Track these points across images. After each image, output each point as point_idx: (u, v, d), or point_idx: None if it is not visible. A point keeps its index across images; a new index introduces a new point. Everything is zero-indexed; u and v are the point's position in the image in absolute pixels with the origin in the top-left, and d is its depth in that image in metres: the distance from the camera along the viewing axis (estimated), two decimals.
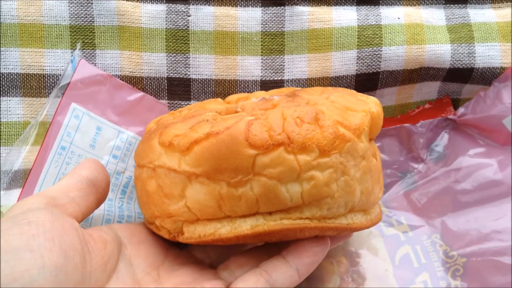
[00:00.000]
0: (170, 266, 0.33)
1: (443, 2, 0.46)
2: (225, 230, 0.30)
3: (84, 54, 0.43)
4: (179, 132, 0.31)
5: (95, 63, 0.43)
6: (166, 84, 0.44)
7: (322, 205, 0.29)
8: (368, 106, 0.32)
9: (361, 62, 0.44)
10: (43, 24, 0.42)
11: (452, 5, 0.46)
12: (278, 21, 0.44)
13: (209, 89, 0.44)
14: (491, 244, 0.41)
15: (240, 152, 0.28)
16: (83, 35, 0.43)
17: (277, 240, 0.32)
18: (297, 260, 0.31)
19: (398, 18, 0.44)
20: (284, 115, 0.29)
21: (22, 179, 0.41)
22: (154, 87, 0.44)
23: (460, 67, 0.44)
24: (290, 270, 0.31)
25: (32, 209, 0.27)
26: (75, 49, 0.42)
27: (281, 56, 0.44)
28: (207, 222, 0.31)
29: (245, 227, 0.30)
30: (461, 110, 0.46)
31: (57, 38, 0.42)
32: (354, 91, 0.35)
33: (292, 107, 0.30)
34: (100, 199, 0.33)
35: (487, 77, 0.45)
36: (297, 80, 0.44)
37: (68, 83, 0.41)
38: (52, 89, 0.42)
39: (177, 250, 0.35)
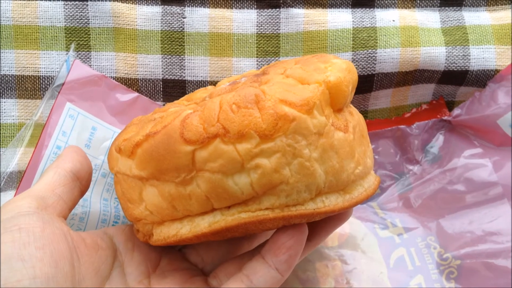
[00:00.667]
0: (162, 273, 0.33)
1: (438, 4, 0.46)
2: (185, 230, 0.29)
3: (79, 56, 0.43)
4: (126, 136, 0.30)
5: (90, 65, 0.43)
6: (161, 86, 0.44)
7: (278, 192, 0.27)
8: (324, 75, 0.28)
9: (356, 64, 0.44)
10: (38, 25, 0.42)
11: (447, 8, 0.46)
12: (273, 23, 0.44)
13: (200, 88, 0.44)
14: (485, 246, 0.41)
15: (177, 150, 0.27)
16: (78, 37, 0.43)
17: (242, 235, 0.31)
18: (274, 259, 0.29)
19: (393, 21, 0.44)
20: (221, 103, 0.27)
21: (17, 180, 0.41)
22: (149, 89, 0.44)
23: (455, 69, 0.44)
24: (270, 271, 0.29)
25: (23, 213, 0.27)
26: (70, 50, 0.42)
27: (276, 58, 0.44)
28: (170, 223, 0.30)
29: (203, 225, 0.28)
30: (456, 111, 0.46)
31: (52, 40, 0.42)
32: (325, 55, 0.32)
33: (233, 92, 0.28)
34: (83, 190, 0.33)
35: (482, 79, 0.45)
36: None
37: (63, 83, 0.41)
38: (47, 90, 0.42)
39: (171, 253, 0.35)
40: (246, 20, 0.44)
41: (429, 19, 0.45)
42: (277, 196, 0.27)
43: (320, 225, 0.33)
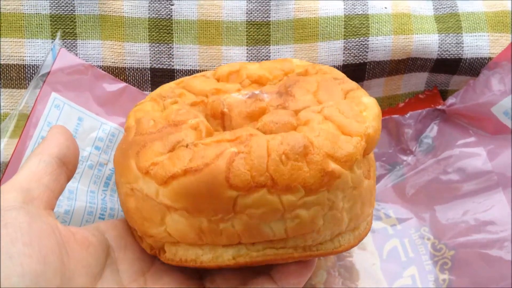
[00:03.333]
0: (157, 272, 0.32)
1: None
2: (206, 258, 0.29)
3: (65, 44, 0.42)
4: (156, 159, 0.29)
5: (77, 54, 0.42)
6: (149, 75, 0.43)
7: (306, 237, 0.29)
8: (364, 126, 0.29)
9: (348, 53, 0.43)
10: (23, 13, 0.41)
11: None
12: (264, 10, 0.43)
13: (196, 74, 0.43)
14: (479, 236, 0.41)
15: (221, 194, 0.27)
16: (64, 25, 0.42)
17: (258, 265, 0.31)
18: (283, 281, 0.31)
19: (385, 8, 0.44)
20: (269, 149, 0.27)
21: (1, 171, 0.40)
22: (137, 78, 0.43)
23: (448, 57, 0.44)
24: None
25: (9, 208, 0.27)
26: (56, 38, 0.42)
27: (267, 46, 0.43)
28: (189, 246, 0.30)
29: (226, 257, 0.29)
30: (450, 100, 0.45)
31: (37, 28, 0.42)
32: (352, 85, 0.33)
33: (278, 136, 0.28)
34: (70, 176, 0.32)
35: (476, 67, 0.44)
36: None
37: (48, 72, 0.40)
38: (32, 79, 0.41)
39: None
40: (235, 7, 0.43)
41: (422, 6, 0.45)
42: (304, 240, 0.29)
43: None
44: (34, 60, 0.42)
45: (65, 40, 0.42)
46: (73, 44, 0.42)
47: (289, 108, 0.31)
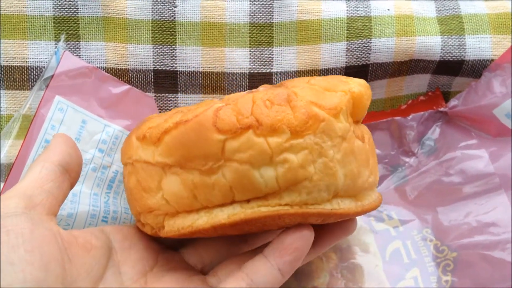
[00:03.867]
0: (159, 272, 0.32)
1: None
2: (202, 221, 0.29)
3: (68, 45, 0.42)
4: (152, 124, 0.30)
5: (80, 55, 0.42)
6: (152, 77, 0.43)
7: (300, 189, 0.28)
8: (349, 86, 0.31)
9: (351, 54, 0.43)
10: (26, 15, 0.41)
11: None
12: (267, 12, 0.43)
13: (196, 81, 0.43)
14: (482, 237, 0.41)
15: (209, 138, 0.27)
16: (67, 27, 0.42)
17: (257, 230, 0.32)
18: (278, 259, 0.29)
19: (388, 10, 0.44)
20: (254, 98, 0.28)
21: (5, 173, 0.40)
22: (140, 79, 0.43)
23: (451, 59, 0.44)
24: (273, 271, 0.29)
25: (10, 214, 0.27)
26: (59, 40, 0.42)
27: (270, 48, 0.43)
28: (186, 214, 0.30)
29: (221, 216, 0.29)
30: (452, 102, 0.45)
31: (40, 30, 0.42)
32: (342, 76, 0.34)
33: (264, 91, 0.29)
34: (73, 183, 0.32)
35: (478, 69, 0.44)
36: (285, 73, 0.44)
37: (52, 75, 0.40)
38: (36, 82, 0.41)
39: (169, 253, 0.34)
40: (238, 9, 0.43)
41: (425, 8, 0.45)
42: (298, 193, 0.28)
43: (325, 234, 0.33)
44: (37, 62, 0.42)
45: (69, 42, 0.42)
46: (77, 45, 0.42)
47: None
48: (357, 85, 0.31)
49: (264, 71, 0.44)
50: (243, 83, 0.44)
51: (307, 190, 0.28)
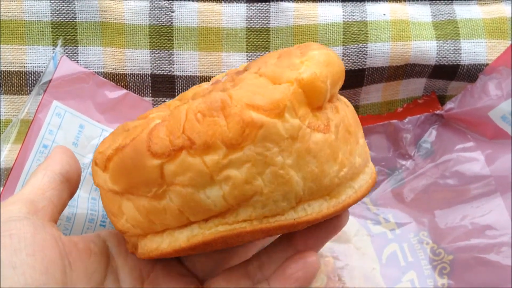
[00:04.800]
0: (156, 279, 0.32)
1: None
2: (165, 244, 0.28)
3: (66, 51, 0.42)
4: (101, 149, 0.29)
5: (78, 60, 0.42)
6: (150, 81, 0.43)
7: (254, 203, 0.26)
8: (297, 72, 0.26)
9: (347, 59, 0.43)
10: (24, 20, 0.41)
11: (438, 2, 0.45)
12: (263, 17, 0.43)
13: (194, 86, 0.44)
14: (478, 240, 0.41)
15: (145, 165, 0.26)
16: (65, 32, 0.42)
17: (223, 247, 0.29)
18: (265, 272, 0.30)
19: (384, 15, 0.44)
20: (187, 111, 0.26)
21: (3, 177, 0.40)
22: (137, 84, 0.43)
23: (446, 63, 0.44)
24: None
25: (13, 218, 0.27)
26: (57, 46, 0.42)
27: (267, 52, 0.44)
28: (153, 236, 0.29)
29: (181, 239, 0.27)
30: (449, 105, 0.46)
31: (38, 35, 0.42)
32: (309, 45, 0.30)
33: (200, 98, 0.26)
34: (73, 192, 0.32)
35: (473, 74, 0.44)
36: None
37: (50, 81, 0.40)
38: (34, 87, 0.42)
39: (167, 260, 0.34)
40: (235, 14, 0.43)
41: (420, 13, 0.45)
42: (253, 208, 0.26)
43: (313, 235, 0.32)
44: (35, 66, 0.42)
45: (66, 47, 0.42)
46: (74, 50, 0.42)
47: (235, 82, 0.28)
48: (312, 65, 0.27)
49: None
50: None
51: (261, 203, 0.26)
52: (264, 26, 0.43)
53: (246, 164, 0.25)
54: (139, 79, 0.43)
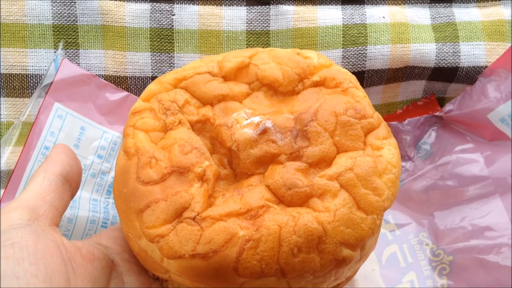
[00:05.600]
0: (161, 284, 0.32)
1: (428, 1, 0.46)
2: None
3: (67, 53, 0.42)
4: (161, 230, 0.28)
5: (79, 63, 0.42)
6: None
7: None
8: (381, 200, 0.29)
9: (346, 61, 0.44)
10: (26, 23, 0.42)
11: (437, 4, 0.46)
12: (263, 20, 0.44)
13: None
14: (477, 241, 0.41)
15: (229, 280, 0.27)
16: (66, 35, 0.42)
17: None
18: None
19: (383, 17, 0.44)
20: (280, 239, 0.27)
21: (5, 180, 0.40)
22: (138, 86, 0.43)
23: (445, 66, 0.44)
24: None
25: (15, 226, 0.27)
26: (58, 48, 0.42)
27: None
28: None
29: None
30: (448, 106, 0.46)
31: (40, 38, 0.42)
32: (372, 122, 0.31)
33: (291, 221, 0.27)
34: (74, 193, 0.32)
35: (472, 76, 0.45)
36: None
37: (51, 83, 0.40)
38: (35, 89, 0.42)
39: None
40: (235, 17, 0.43)
41: (419, 15, 0.45)
42: None
43: None
44: (37, 69, 0.42)
45: (68, 50, 0.42)
46: (76, 53, 0.42)
47: (303, 159, 0.29)
48: (391, 189, 0.29)
49: None
50: None
51: None
52: (264, 29, 0.44)
53: (322, 282, 0.29)
54: (140, 82, 0.43)
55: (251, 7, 0.43)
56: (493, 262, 0.40)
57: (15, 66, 0.42)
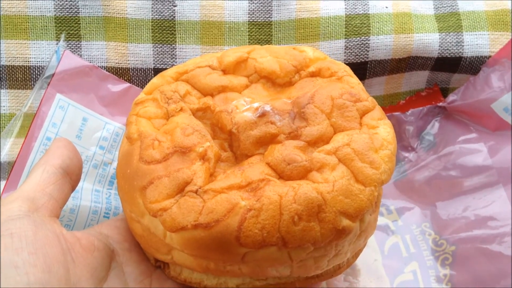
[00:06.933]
0: (162, 274, 0.32)
1: None
2: (210, 283, 0.30)
3: (69, 45, 0.42)
4: (164, 204, 0.28)
5: (81, 55, 0.42)
6: (152, 75, 0.43)
7: (310, 273, 0.30)
8: (379, 173, 0.29)
9: (349, 52, 0.43)
10: (28, 15, 0.42)
11: None
12: (265, 11, 0.43)
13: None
14: (480, 231, 0.41)
15: (231, 251, 0.27)
16: (68, 26, 0.42)
17: None
18: None
19: (386, 7, 0.44)
20: (281, 207, 0.27)
21: (7, 171, 0.40)
22: (140, 78, 0.43)
23: (449, 56, 0.44)
24: None
25: (14, 217, 0.27)
26: (60, 40, 0.42)
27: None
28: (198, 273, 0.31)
29: (230, 284, 0.30)
30: (451, 97, 0.46)
31: (42, 30, 0.42)
32: (367, 104, 0.32)
33: (290, 190, 0.28)
34: (74, 186, 0.32)
35: (476, 66, 0.44)
36: None
37: (53, 74, 0.41)
38: (37, 81, 0.42)
39: None
40: (237, 8, 0.43)
41: (423, 5, 0.45)
42: (307, 274, 0.30)
43: None
44: (39, 61, 0.42)
45: (70, 42, 0.42)
46: (78, 45, 0.42)
47: (302, 138, 0.30)
48: (388, 164, 0.30)
49: None
50: None
51: (315, 273, 0.30)
52: (266, 20, 0.43)
53: (323, 256, 0.29)
54: (142, 73, 0.43)
55: None
56: (496, 252, 0.40)
57: (17, 58, 0.42)
